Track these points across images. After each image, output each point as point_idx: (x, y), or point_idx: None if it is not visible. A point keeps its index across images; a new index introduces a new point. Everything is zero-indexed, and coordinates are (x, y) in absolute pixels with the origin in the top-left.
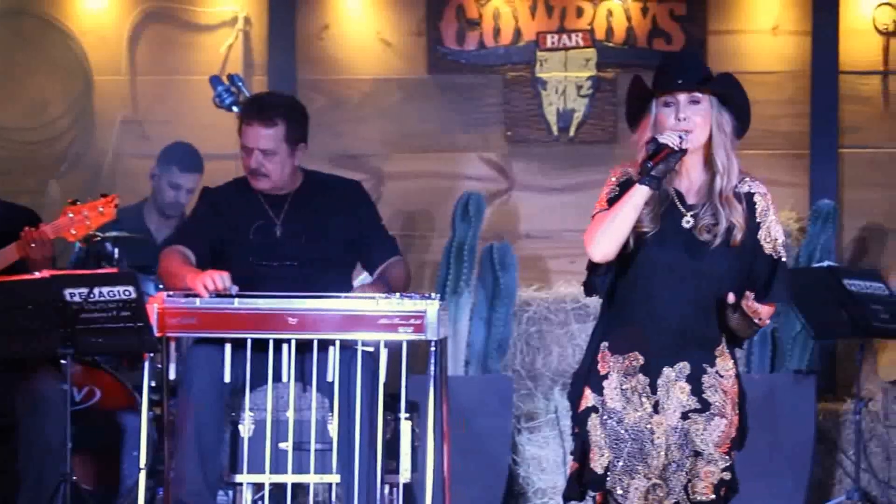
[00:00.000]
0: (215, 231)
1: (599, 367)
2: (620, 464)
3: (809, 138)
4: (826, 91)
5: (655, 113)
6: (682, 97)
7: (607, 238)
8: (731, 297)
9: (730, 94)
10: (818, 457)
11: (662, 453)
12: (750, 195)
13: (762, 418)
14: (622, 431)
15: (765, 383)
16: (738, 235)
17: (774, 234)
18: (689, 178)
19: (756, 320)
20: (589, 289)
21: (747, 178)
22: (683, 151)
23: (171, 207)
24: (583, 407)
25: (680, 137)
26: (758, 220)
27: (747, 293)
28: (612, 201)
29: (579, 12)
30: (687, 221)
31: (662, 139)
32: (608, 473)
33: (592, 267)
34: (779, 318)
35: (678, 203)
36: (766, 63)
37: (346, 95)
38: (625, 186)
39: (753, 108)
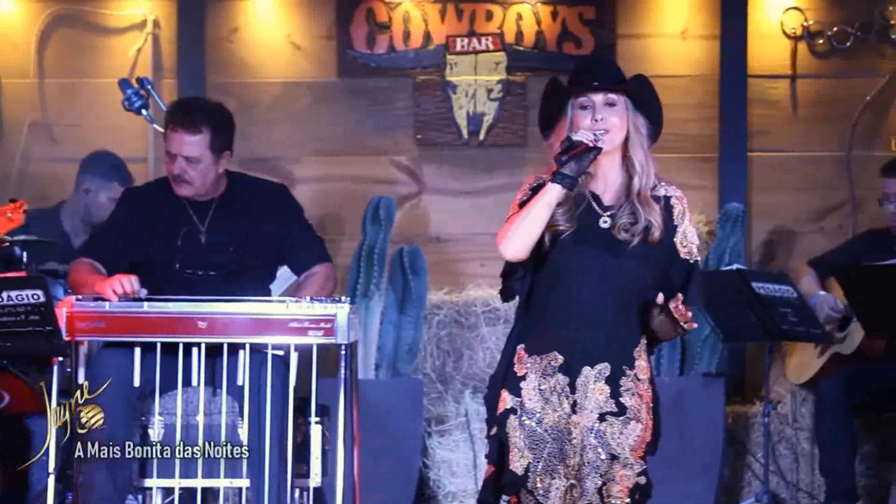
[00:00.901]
0: (136, 238)
1: (516, 368)
2: (541, 465)
3: (718, 142)
4: (735, 95)
5: (571, 115)
6: (598, 99)
7: (519, 236)
8: (660, 298)
9: (644, 94)
10: (727, 459)
11: (579, 453)
12: (667, 198)
13: (671, 421)
14: (541, 432)
15: (674, 386)
16: (655, 233)
17: (691, 237)
18: (606, 181)
19: (683, 324)
20: (506, 294)
21: (663, 183)
22: (598, 151)
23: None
24: (501, 409)
25: (594, 135)
26: (675, 223)
27: (678, 295)
28: (524, 205)
29: (489, 16)
30: (604, 222)
31: (576, 137)
32: (528, 474)
33: (509, 271)
34: None
35: (595, 205)
36: (676, 67)
37: (256, 99)
38: (538, 192)
39: (663, 112)
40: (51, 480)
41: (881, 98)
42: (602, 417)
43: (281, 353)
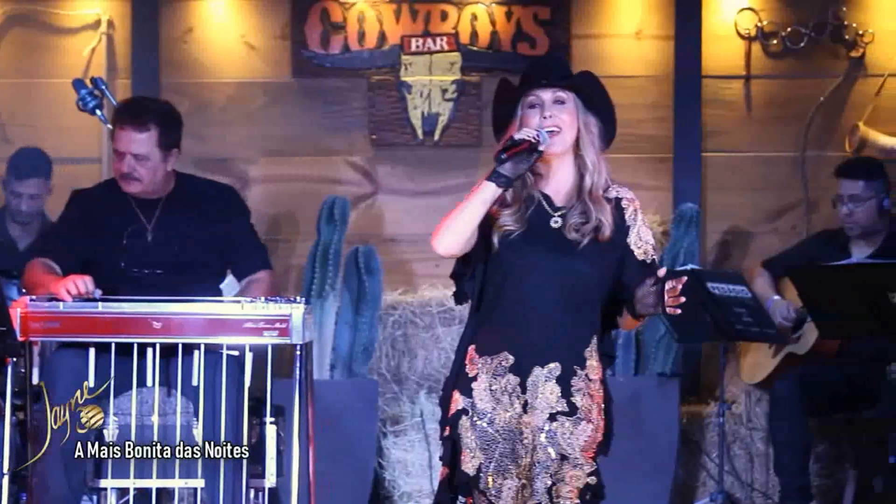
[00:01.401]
0: (85, 237)
1: (468, 369)
2: (492, 465)
3: (672, 142)
4: (689, 95)
5: (521, 115)
6: (547, 97)
7: (451, 233)
8: (661, 271)
9: (593, 92)
10: (682, 459)
11: (530, 453)
12: (618, 200)
13: (626, 421)
14: (493, 432)
15: (629, 386)
16: (606, 232)
17: (645, 237)
18: (558, 182)
19: (667, 307)
20: (459, 297)
21: (615, 185)
22: (539, 153)
23: (17, 215)
24: (453, 410)
25: (537, 132)
26: (627, 223)
27: (683, 278)
28: None
29: (444, 16)
30: (555, 222)
31: (518, 136)
32: (480, 474)
33: (459, 274)
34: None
35: (546, 205)
36: (630, 67)
37: (211, 99)
38: None
39: (617, 112)
40: (4, 481)
41: (835, 98)
42: (553, 417)
43: (236, 353)
